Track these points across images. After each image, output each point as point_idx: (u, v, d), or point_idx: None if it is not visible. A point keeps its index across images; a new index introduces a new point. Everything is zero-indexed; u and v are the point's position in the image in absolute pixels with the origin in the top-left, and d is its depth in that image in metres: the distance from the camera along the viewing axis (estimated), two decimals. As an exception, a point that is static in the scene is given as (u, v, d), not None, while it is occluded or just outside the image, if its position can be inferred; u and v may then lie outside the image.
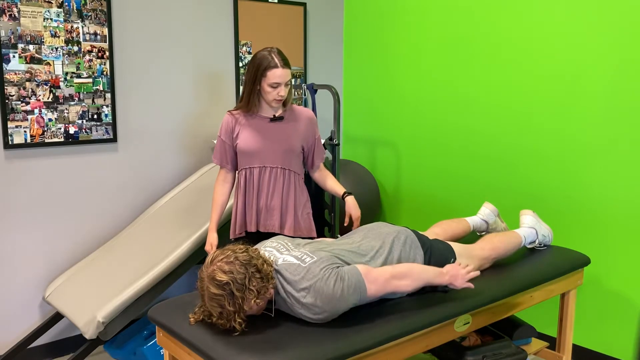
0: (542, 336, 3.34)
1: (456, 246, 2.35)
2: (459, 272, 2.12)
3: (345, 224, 2.63)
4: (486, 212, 2.78)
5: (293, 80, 4.06)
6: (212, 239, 2.61)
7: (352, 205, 2.62)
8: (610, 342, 3.06)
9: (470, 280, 2.32)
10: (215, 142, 3.62)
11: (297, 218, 2.61)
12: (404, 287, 2.03)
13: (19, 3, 2.93)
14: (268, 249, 2.06)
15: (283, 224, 2.59)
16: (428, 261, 2.23)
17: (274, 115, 2.56)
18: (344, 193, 2.65)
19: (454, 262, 2.28)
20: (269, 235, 2.61)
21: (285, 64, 2.47)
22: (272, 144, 2.55)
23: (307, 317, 1.90)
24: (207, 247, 2.61)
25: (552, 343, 3.29)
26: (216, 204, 2.66)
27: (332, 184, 2.72)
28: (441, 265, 2.25)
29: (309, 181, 3.05)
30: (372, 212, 3.94)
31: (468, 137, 3.60)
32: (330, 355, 1.74)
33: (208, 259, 1.87)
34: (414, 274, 2.04)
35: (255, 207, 2.59)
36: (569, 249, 2.78)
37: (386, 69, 4.05)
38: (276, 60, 2.45)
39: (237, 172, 2.66)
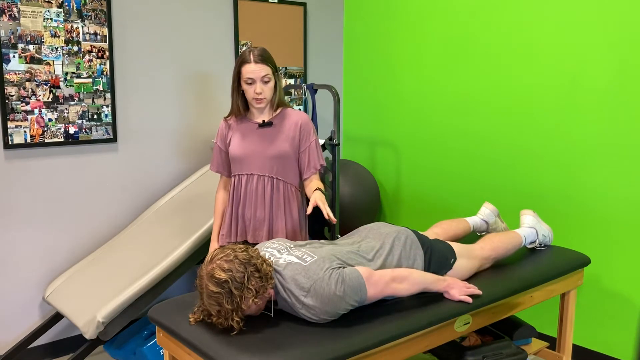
0: (542, 336, 3.34)
1: (456, 246, 2.35)
2: (457, 283, 2.16)
3: (307, 212, 2.35)
4: (486, 212, 2.78)
5: (293, 80, 4.06)
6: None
7: (316, 196, 2.34)
8: (610, 342, 3.06)
9: (471, 281, 2.32)
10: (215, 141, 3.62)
11: (288, 235, 2.51)
12: (402, 291, 2.05)
13: (19, 3, 2.93)
14: (269, 249, 2.06)
15: (272, 237, 2.50)
16: (428, 261, 2.23)
17: (263, 121, 2.49)
18: (316, 189, 2.42)
19: (454, 262, 2.28)
20: None
21: (263, 60, 2.38)
22: (259, 151, 2.47)
23: (308, 317, 1.90)
24: None
25: (552, 343, 3.29)
26: (217, 213, 2.62)
27: (310, 187, 2.48)
28: (441, 265, 2.25)
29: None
30: (372, 212, 3.94)
31: (468, 137, 3.60)
32: (329, 356, 1.74)
33: (208, 258, 1.88)
34: (413, 278, 2.06)
35: (242, 218, 2.53)
36: (569, 249, 2.78)
37: (386, 68, 4.05)
38: (250, 55, 2.38)
39: (231, 177, 2.60)
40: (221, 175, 2.64)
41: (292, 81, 4.06)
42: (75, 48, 3.13)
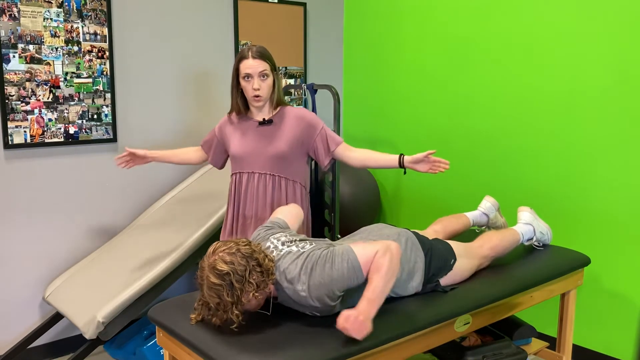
0: (542, 336, 3.34)
1: (455, 245, 2.35)
2: (357, 320, 1.73)
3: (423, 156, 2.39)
4: (487, 205, 2.78)
5: (293, 80, 4.06)
6: (136, 149, 2.60)
7: (416, 157, 2.40)
8: (610, 342, 3.06)
9: (471, 280, 2.32)
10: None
11: None
12: (383, 271, 1.83)
13: (19, 3, 2.93)
14: (274, 241, 2.04)
15: None
16: (429, 262, 2.23)
17: (263, 119, 2.50)
18: (400, 155, 2.47)
19: (454, 263, 2.28)
20: None
21: (261, 56, 2.39)
22: (259, 149, 2.48)
23: (309, 305, 1.88)
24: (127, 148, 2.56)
25: (552, 343, 3.29)
26: (174, 150, 2.69)
27: (378, 158, 2.53)
28: (442, 266, 2.25)
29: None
30: (372, 212, 3.94)
31: (468, 137, 3.60)
32: (330, 355, 1.74)
33: (210, 250, 1.87)
34: (386, 276, 1.83)
35: (243, 216, 2.54)
36: (569, 248, 2.78)
37: (386, 68, 4.05)
38: (249, 52, 2.39)
39: (230, 176, 2.62)
40: (201, 147, 2.70)
41: (292, 81, 4.06)
42: (75, 48, 3.13)
